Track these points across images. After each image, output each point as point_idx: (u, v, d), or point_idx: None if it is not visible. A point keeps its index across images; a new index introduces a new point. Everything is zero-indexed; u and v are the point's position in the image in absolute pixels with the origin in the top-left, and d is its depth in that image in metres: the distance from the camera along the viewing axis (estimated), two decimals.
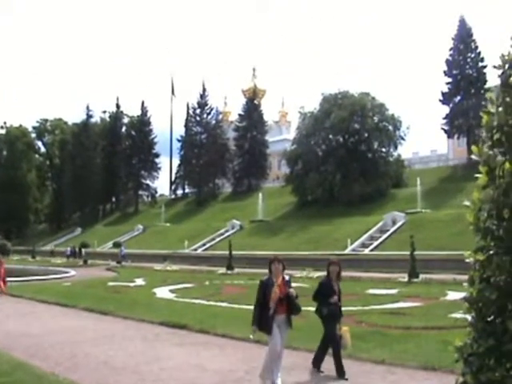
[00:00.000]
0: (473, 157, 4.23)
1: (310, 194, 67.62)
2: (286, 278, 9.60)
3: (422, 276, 30.76)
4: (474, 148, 4.11)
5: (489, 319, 3.83)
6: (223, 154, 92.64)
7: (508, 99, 4.01)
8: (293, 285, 26.81)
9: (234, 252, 43.50)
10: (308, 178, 66.58)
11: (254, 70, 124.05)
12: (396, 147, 68.75)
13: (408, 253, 31.32)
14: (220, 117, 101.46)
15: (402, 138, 68.69)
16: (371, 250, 46.89)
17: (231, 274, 39.69)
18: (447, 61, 71.03)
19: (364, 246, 48.42)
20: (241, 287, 30.61)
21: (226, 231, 64.91)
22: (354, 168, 64.56)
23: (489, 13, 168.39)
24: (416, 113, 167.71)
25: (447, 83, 70.03)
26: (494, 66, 4.11)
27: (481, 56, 72.99)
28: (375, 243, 48.13)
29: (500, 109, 4.01)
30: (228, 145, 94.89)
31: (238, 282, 33.27)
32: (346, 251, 46.55)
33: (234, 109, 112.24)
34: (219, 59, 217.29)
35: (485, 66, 72.45)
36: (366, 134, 66.57)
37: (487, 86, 72.08)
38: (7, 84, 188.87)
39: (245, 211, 71.55)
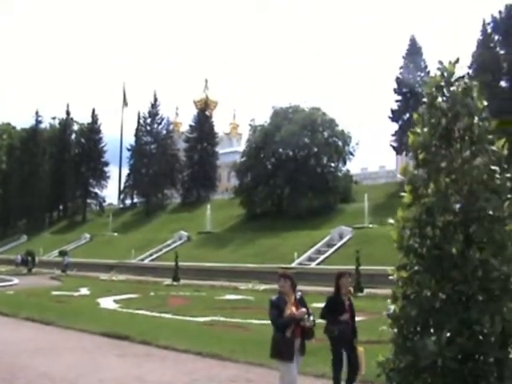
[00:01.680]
0: (398, 176, 4.42)
1: (258, 206, 67.62)
2: (298, 295, 8.45)
3: (366, 290, 31.12)
4: (400, 167, 4.30)
5: (409, 335, 3.99)
6: (173, 164, 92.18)
7: (433, 120, 4.20)
8: (238, 297, 26.76)
9: (180, 263, 43.33)
10: (257, 190, 66.62)
11: (206, 81, 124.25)
12: (345, 162, 69.44)
13: (354, 267, 31.68)
14: (171, 127, 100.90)
15: (351, 154, 69.42)
16: (318, 264, 47.12)
17: (177, 286, 39.51)
18: (397, 78, 72.12)
19: (311, 259, 48.63)
20: (186, 299, 30.56)
21: (174, 242, 64.46)
22: (302, 182, 64.82)
23: (438, 33, 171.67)
24: (366, 129, 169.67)
25: (397, 101, 71.03)
26: (422, 88, 4.32)
27: (430, 75, 74.16)
28: (322, 257, 48.40)
29: (425, 129, 4.19)
30: (178, 155, 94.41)
31: (183, 294, 33.18)
32: (293, 264, 46.65)
33: (185, 120, 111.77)
34: (172, 69, 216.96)
35: None
36: (316, 149, 66.96)
37: None
38: None
39: (193, 222, 71.26)
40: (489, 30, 53.72)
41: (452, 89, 4.18)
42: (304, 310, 8.18)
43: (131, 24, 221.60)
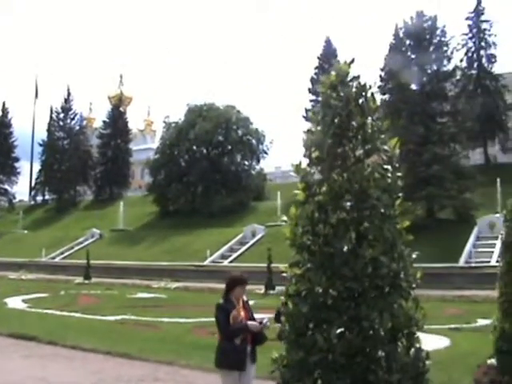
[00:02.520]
0: (291, 173, 4.48)
1: (171, 204, 67.44)
2: (244, 298, 7.92)
3: (278, 288, 31.39)
4: (293, 165, 4.34)
5: (301, 332, 4.05)
6: (86, 160, 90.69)
7: (327, 119, 4.27)
8: (150, 295, 26.67)
9: (92, 261, 42.75)
10: (170, 188, 66.44)
11: (121, 76, 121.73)
12: (259, 161, 70.14)
13: (265, 265, 31.95)
14: (84, 123, 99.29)
15: (265, 152, 70.13)
16: (230, 262, 47.33)
17: (88, 284, 38.98)
18: (312, 79, 73.13)
19: (223, 257, 48.81)
20: (97, 297, 30.18)
21: (86, 240, 63.39)
22: (216, 180, 65.13)
23: (354, 35, 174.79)
24: (281, 128, 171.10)
25: (311, 100, 71.96)
26: (317, 87, 4.38)
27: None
28: (234, 255, 48.66)
29: (319, 128, 4.26)
30: (91, 152, 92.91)
31: (94, 292, 32.78)
32: (206, 262, 46.81)
33: (98, 115, 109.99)
34: (86, 63, 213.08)
35: None
36: (230, 147, 67.41)
37: None
38: None
39: (105, 220, 70.35)
40: (401, 35, 54.99)
41: (346, 89, 4.26)
42: (256, 323, 7.56)
43: (46, 15, 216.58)
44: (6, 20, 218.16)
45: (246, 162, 69.56)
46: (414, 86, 53.56)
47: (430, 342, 15.75)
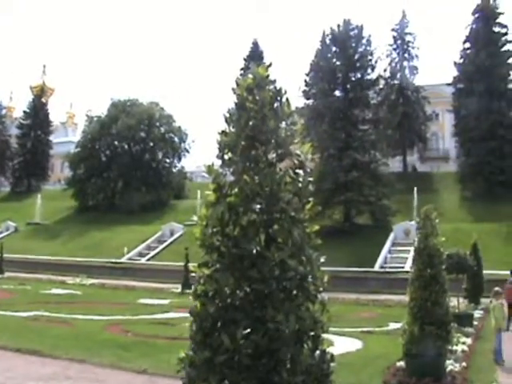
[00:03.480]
0: (204, 174, 4.49)
1: (91, 199, 66.62)
2: None
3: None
4: (204, 165, 4.36)
5: (208, 332, 4.06)
6: (3, 151, 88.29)
7: (241, 121, 4.31)
8: (64, 291, 26.27)
9: (6, 255, 41.74)
10: (90, 182, 65.68)
11: (44, 66, 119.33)
12: (180, 159, 70.02)
13: (183, 264, 31.89)
14: (3, 111, 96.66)
15: (187, 151, 70.06)
16: (148, 260, 47.10)
17: (1, 279, 38.08)
18: (237, 80, 73.31)
19: (141, 255, 48.51)
20: (9, 292, 29.51)
21: (0, 233, 61.85)
22: (136, 176, 64.74)
23: (282, 41, 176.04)
24: (204, 127, 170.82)
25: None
26: (232, 89, 4.40)
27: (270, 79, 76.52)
28: (152, 253, 48.43)
29: (233, 130, 4.29)
30: (9, 142, 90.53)
31: (7, 287, 32.04)
32: (123, 259, 46.35)
33: (19, 105, 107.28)
34: (8, 51, 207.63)
35: None
36: (152, 144, 67.15)
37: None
38: None
39: (22, 213, 68.60)
40: (327, 42, 55.72)
41: (262, 92, 4.30)
42: None
43: None
44: None
45: (168, 160, 69.41)
46: (337, 93, 54.33)
47: (343, 344, 16.08)
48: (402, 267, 36.80)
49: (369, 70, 55.40)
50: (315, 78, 56.02)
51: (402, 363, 12.39)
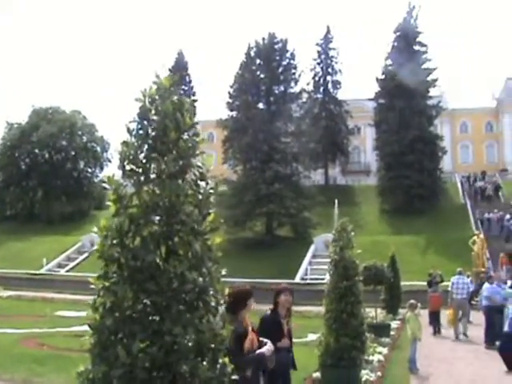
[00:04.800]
0: (105, 186, 4.41)
1: (9, 208, 65.05)
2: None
3: None
4: (104, 176, 4.31)
5: (105, 345, 3.99)
6: None
7: (142, 132, 4.27)
8: None
9: None
10: (8, 191, 64.22)
11: None
12: (102, 169, 69.24)
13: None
14: None
15: (109, 161, 69.41)
16: (67, 271, 46.29)
17: None
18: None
19: (60, 266, 47.72)
20: None
21: None
22: (57, 185, 63.73)
23: (207, 51, 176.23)
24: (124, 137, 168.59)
25: None
26: (136, 99, 4.36)
27: (193, 90, 77.02)
28: (72, 264, 47.67)
29: (134, 140, 4.25)
30: None
31: None
32: (42, 271, 45.43)
33: None
34: None
35: (196, 100, 76.51)
36: (73, 153, 66.23)
37: (196, 119, 75.79)
38: None
39: None
40: (252, 54, 56.17)
41: (165, 102, 4.27)
42: (270, 346, 6.16)
43: None
44: None
45: (89, 170, 68.49)
46: (261, 105, 54.74)
47: None
48: (322, 279, 37.12)
49: (292, 84, 56.18)
50: (239, 90, 56.40)
51: (318, 374, 12.50)
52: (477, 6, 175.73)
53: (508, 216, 48.09)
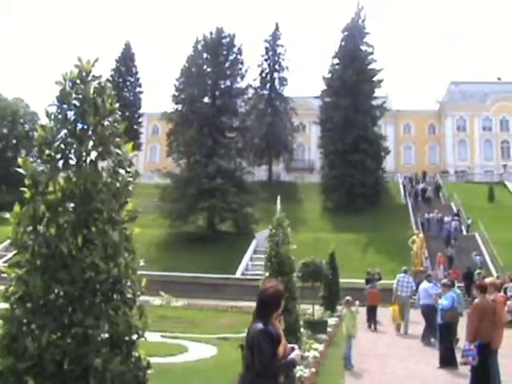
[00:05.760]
0: (20, 170, 4.22)
1: None
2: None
3: None
4: (20, 161, 4.14)
5: (14, 336, 3.84)
6: None
7: (60, 116, 4.12)
8: None
9: None
10: None
11: None
12: None
13: None
14: None
15: None
16: (5, 262, 45.41)
17: None
18: (107, 80, 72.37)
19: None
20: None
21: None
22: None
23: (154, 42, 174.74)
24: None
25: None
26: (56, 82, 4.20)
27: (139, 82, 76.35)
28: (10, 255, 46.69)
29: (52, 124, 4.10)
30: None
31: None
32: None
33: None
34: None
35: (141, 92, 75.99)
36: (15, 141, 64.90)
37: (141, 111, 75.42)
38: None
39: None
40: (199, 48, 55.84)
41: (85, 87, 4.13)
42: (298, 351, 5.79)
43: None
44: None
45: (31, 159, 67.37)
46: (206, 99, 54.48)
47: (198, 350, 16.00)
48: (263, 274, 37.27)
49: (238, 79, 56.04)
50: (185, 83, 56.03)
51: None
52: (422, 13, 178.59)
53: (447, 218, 48.93)
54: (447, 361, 15.23)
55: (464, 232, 49.06)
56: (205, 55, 55.49)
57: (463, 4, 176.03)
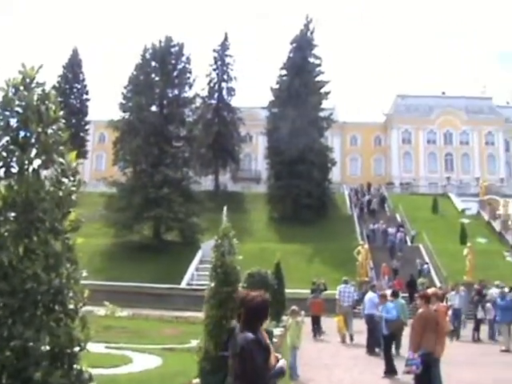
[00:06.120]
0: None
1: None
2: None
3: None
4: None
5: None
6: None
7: (2, 123, 4.02)
8: None
9: None
10: None
11: None
12: None
13: None
14: None
15: None
16: None
17: None
18: (54, 87, 71.60)
19: None
20: None
21: None
22: None
23: (102, 50, 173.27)
24: None
25: None
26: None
27: (86, 89, 75.65)
28: None
29: None
30: None
31: None
32: None
33: None
34: None
35: (88, 99, 75.26)
36: None
37: (88, 118, 74.65)
38: None
39: None
40: (148, 56, 55.56)
41: (28, 93, 4.05)
42: (283, 360, 5.62)
43: None
44: None
45: None
46: (154, 108, 54.23)
47: (142, 361, 15.84)
48: (208, 284, 37.12)
49: (186, 88, 55.92)
50: (133, 91, 55.66)
51: (198, 380, 12.37)
52: (368, 26, 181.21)
53: (392, 229, 49.57)
54: (392, 370, 15.41)
55: (408, 243, 49.75)
56: (153, 63, 55.24)
57: (410, 20, 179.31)
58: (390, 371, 15.40)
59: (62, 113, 4.19)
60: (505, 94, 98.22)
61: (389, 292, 21.11)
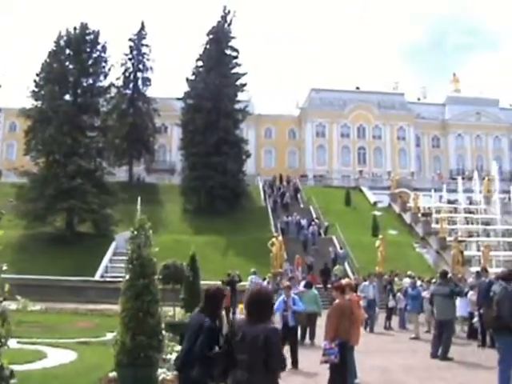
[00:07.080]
0: None
1: None
2: None
3: None
4: None
5: None
6: None
7: None
8: None
9: None
10: None
11: None
12: None
13: None
14: None
15: None
16: None
17: None
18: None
19: None
20: None
21: None
22: None
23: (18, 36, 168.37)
24: None
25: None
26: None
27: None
28: None
29: None
30: None
31: None
32: None
33: None
34: None
35: None
36: None
37: None
38: None
39: None
40: (62, 43, 54.35)
41: None
42: None
43: None
44: None
45: None
46: (67, 97, 53.23)
47: (57, 356, 15.61)
48: (123, 277, 36.80)
49: (101, 77, 55.14)
50: (46, 79, 54.32)
51: (114, 374, 12.30)
52: (286, 20, 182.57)
53: (304, 221, 50.41)
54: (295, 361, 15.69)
55: (322, 235, 50.67)
56: (67, 51, 54.10)
57: (325, 14, 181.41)
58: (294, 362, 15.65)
59: None
60: (416, 91, 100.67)
61: (303, 283, 21.49)
